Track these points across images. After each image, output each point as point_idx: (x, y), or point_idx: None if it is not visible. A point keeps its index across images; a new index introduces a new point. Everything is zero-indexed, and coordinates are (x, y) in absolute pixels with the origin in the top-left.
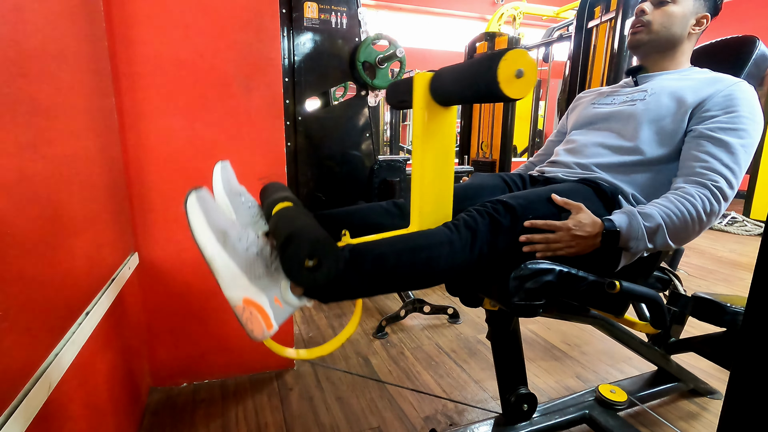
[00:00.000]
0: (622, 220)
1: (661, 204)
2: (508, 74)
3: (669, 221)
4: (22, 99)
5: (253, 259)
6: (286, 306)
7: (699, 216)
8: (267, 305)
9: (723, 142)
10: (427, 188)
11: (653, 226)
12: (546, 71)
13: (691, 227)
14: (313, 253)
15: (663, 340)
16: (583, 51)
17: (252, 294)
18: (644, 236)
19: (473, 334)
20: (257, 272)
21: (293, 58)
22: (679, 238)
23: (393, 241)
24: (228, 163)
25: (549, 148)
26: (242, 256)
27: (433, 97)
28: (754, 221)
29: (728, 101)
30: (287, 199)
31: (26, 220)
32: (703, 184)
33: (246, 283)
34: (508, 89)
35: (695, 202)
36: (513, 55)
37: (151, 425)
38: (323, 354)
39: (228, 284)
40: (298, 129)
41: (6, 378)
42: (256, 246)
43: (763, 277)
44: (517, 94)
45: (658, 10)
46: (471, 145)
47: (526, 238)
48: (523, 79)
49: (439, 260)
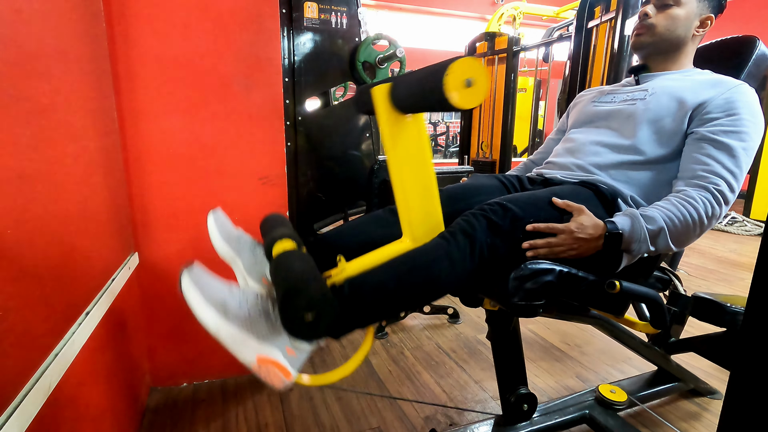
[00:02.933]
0: (624, 223)
1: (663, 207)
2: (457, 84)
3: (671, 224)
4: (22, 99)
5: (257, 319)
6: (299, 353)
7: (701, 219)
8: (281, 358)
9: (725, 145)
10: (410, 199)
11: (655, 228)
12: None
13: (693, 230)
14: (310, 308)
15: (663, 340)
16: (583, 51)
17: (264, 351)
18: (646, 239)
19: (473, 334)
20: (263, 331)
21: (293, 58)
22: (680, 241)
23: (391, 266)
24: (220, 210)
25: (548, 146)
26: (245, 320)
27: (395, 107)
28: (754, 221)
29: (729, 104)
30: (285, 237)
31: (26, 220)
32: (704, 187)
33: (255, 344)
34: (457, 99)
35: (697, 206)
36: (461, 65)
37: (151, 425)
38: (334, 380)
39: (239, 350)
40: (298, 129)
41: (6, 378)
42: (258, 306)
43: (763, 277)
44: (467, 103)
45: (661, 14)
46: (471, 145)
47: (529, 245)
48: (473, 89)
49: (440, 276)
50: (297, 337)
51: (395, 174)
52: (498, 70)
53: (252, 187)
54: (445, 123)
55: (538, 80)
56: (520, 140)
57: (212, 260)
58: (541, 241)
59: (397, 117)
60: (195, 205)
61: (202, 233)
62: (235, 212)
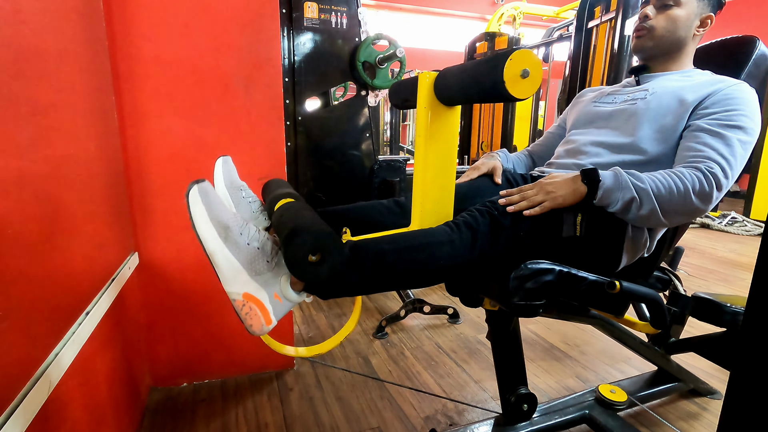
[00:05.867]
0: (605, 173)
1: (650, 174)
2: (514, 74)
3: (655, 188)
4: (22, 99)
5: (255, 254)
6: (286, 301)
7: (686, 191)
8: (267, 301)
9: (720, 134)
10: (429, 187)
11: (640, 183)
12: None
13: (678, 201)
14: (316, 248)
15: (663, 340)
16: (583, 51)
17: (252, 289)
18: (629, 186)
19: (473, 334)
20: (258, 268)
21: (293, 58)
22: (667, 211)
23: (394, 239)
24: (229, 158)
25: (548, 139)
26: (243, 251)
27: (437, 97)
28: (754, 221)
29: (728, 100)
30: (290, 196)
31: (26, 219)
32: (696, 167)
33: (246, 279)
34: (513, 89)
35: (684, 179)
36: (519, 56)
37: (151, 425)
38: (322, 352)
39: (228, 279)
40: (298, 129)
41: (6, 378)
42: (258, 241)
43: (763, 277)
44: (522, 93)
45: (661, 15)
46: (471, 145)
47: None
48: (529, 79)
49: (440, 258)
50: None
51: (420, 161)
52: None
53: (252, 187)
54: None
55: None
56: (520, 140)
57: None
58: (514, 190)
59: (436, 106)
60: None
61: None
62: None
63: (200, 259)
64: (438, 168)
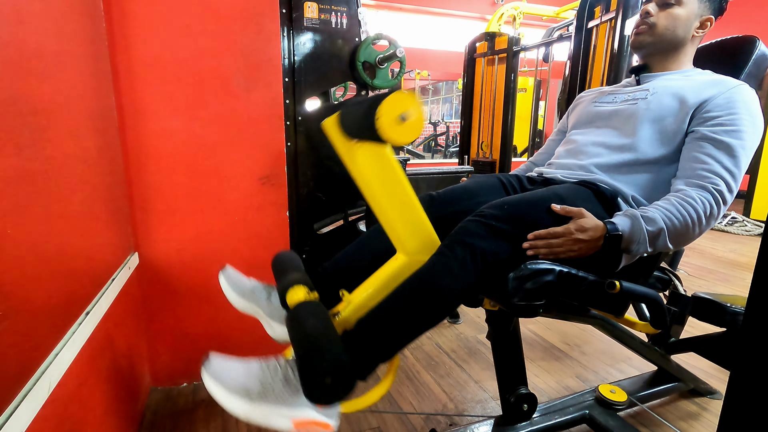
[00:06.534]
0: (624, 224)
1: (662, 207)
2: (390, 119)
3: (670, 224)
4: (22, 99)
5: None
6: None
7: (699, 219)
8: (315, 414)
9: (724, 144)
10: (391, 219)
11: (655, 230)
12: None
13: (692, 230)
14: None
15: (663, 340)
16: (583, 51)
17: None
18: (646, 240)
19: (473, 334)
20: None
21: (293, 58)
22: (679, 241)
23: (395, 296)
24: (228, 267)
25: (549, 147)
26: (271, 395)
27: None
28: (754, 221)
29: (730, 103)
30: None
31: (26, 219)
32: (704, 187)
33: (287, 411)
34: (391, 134)
35: (696, 206)
36: (394, 100)
37: (151, 425)
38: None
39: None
40: (298, 129)
41: (6, 378)
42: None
43: (763, 277)
44: (402, 139)
45: (662, 12)
46: (471, 145)
47: (530, 245)
48: (409, 123)
49: (445, 292)
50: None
51: (368, 198)
52: (498, 70)
53: (252, 187)
54: (445, 123)
55: (538, 80)
56: (520, 140)
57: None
58: (542, 242)
59: (352, 144)
60: (195, 205)
61: (202, 233)
62: (235, 212)
63: (200, 259)
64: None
